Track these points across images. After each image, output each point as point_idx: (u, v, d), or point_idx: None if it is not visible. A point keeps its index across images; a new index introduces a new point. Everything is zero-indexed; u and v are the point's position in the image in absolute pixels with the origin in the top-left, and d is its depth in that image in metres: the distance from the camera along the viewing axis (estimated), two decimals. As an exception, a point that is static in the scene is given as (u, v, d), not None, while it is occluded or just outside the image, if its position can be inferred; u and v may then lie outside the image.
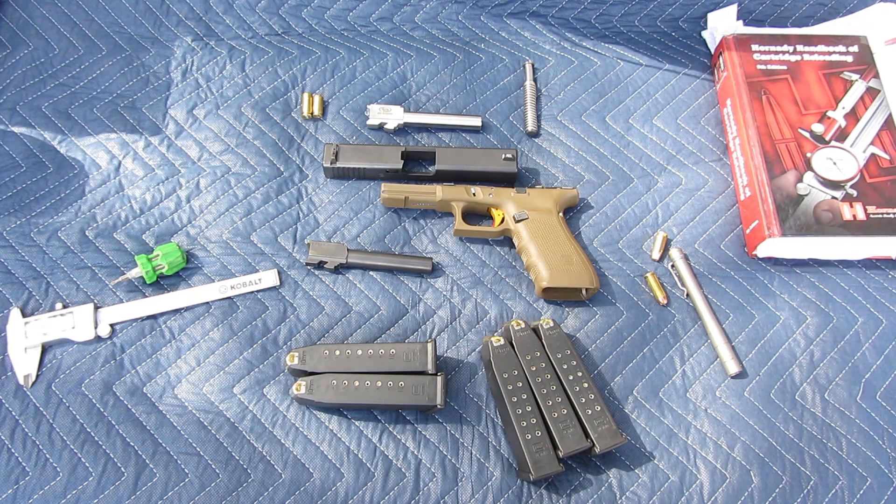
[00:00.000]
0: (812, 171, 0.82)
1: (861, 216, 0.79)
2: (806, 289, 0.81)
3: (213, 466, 0.68)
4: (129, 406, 0.70)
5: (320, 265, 0.78)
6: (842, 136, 0.84)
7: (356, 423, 0.72)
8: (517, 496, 0.70)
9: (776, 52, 0.89)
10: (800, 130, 0.84)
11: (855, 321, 0.80)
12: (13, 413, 0.69)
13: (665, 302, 0.80)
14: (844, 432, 0.74)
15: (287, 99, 0.88)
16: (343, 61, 0.91)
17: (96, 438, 0.69)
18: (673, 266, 0.82)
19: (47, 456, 0.68)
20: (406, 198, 0.81)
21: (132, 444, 0.69)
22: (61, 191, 0.80)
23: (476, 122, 0.88)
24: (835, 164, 0.82)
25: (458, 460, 0.71)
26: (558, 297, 0.79)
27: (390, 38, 0.94)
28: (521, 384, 0.70)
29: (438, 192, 0.81)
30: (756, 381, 0.76)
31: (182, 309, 0.75)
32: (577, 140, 0.89)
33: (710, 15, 0.98)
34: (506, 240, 0.82)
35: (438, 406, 0.69)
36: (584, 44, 0.96)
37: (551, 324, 0.74)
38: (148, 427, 0.70)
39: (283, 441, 0.70)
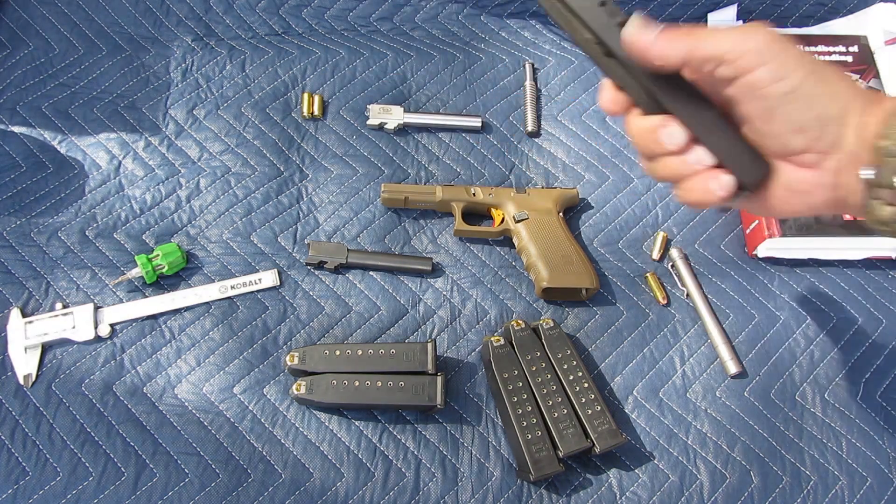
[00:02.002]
0: (812, 171, 0.81)
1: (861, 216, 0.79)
2: (806, 289, 0.81)
3: (213, 466, 0.68)
4: (129, 406, 0.70)
5: (320, 265, 0.78)
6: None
7: (356, 423, 0.72)
8: (517, 496, 0.70)
9: (776, 52, 0.89)
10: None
11: (855, 321, 0.80)
12: (13, 413, 0.69)
13: (665, 302, 0.80)
14: (844, 432, 0.74)
15: (287, 99, 0.88)
16: (343, 61, 0.91)
17: (96, 438, 0.69)
18: (673, 266, 0.82)
19: (47, 456, 0.68)
20: (406, 198, 0.81)
21: (132, 444, 0.69)
22: (61, 191, 0.80)
23: (476, 122, 0.88)
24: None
25: (458, 460, 0.71)
26: (558, 297, 0.79)
27: (390, 38, 0.94)
28: (521, 384, 0.70)
29: (438, 192, 0.81)
30: (756, 381, 0.76)
31: (182, 309, 0.75)
32: (577, 140, 0.89)
33: (710, 15, 0.98)
34: (506, 240, 0.82)
35: (438, 406, 0.69)
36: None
37: (551, 324, 0.74)
38: (148, 427, 0.70)
39: (283, 441, 0.70)
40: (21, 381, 0.70)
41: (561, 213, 0.81)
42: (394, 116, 0.87)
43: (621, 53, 0.44)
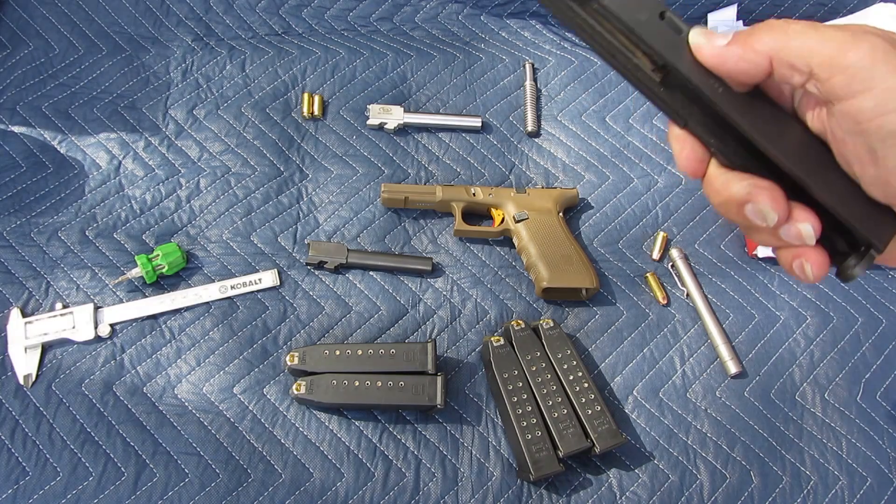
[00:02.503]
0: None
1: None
2: (806, 289, 0.81)
3: (213, 466, 0.68)
4: (129, 406, 0.70)
5: (320, 265, 0.78)
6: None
7: (356, 423, 0.72)
8: (517, 496, 0.70)
9: (776, 52, 0.89)
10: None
11: (855, 321, 0.80)
12: (13, 413, 0.69)
13: (665, 302, 0.80)
14: (844, 432, 0.74)
15: (287, 99, 0.88)
16: (343, 61, 0.91)
17: (96, 438, 0.69)
18: (673, 266, 0.82)
19: (47, 456, 0.68)
20: (406, 198, 0.81)
21: (132, 444, 0.69)
22: (61, 191, 0.80)
23: (476, 122, 0.88)
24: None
25: (458, 460, 0.71)
26: (558, 297, 0.79)
27: (390, 38, 0.94)
28: (521, 384, 0.70)
29: (438, 192, 0.81)
30: (756, 381, 0.76)
31: (182, 309, 0.75)
32: (577, 140, 0.89)
33: (710, 15, 0.98)
34: (506, 240, 0.82)
35: (438, 406, 0.69)
36: (583, 44, 0.95)
37: (551, 324, 0.74)
38: (148, 427, 0.70)
39: (283, 441, 0.70)
40: (21, 381, 0.70)
41: (561, 213, 0.81)
42: (394, 116, 0.87)
43: (695, 78, 0.33)
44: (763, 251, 0.81)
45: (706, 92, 0.33)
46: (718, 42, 0.32)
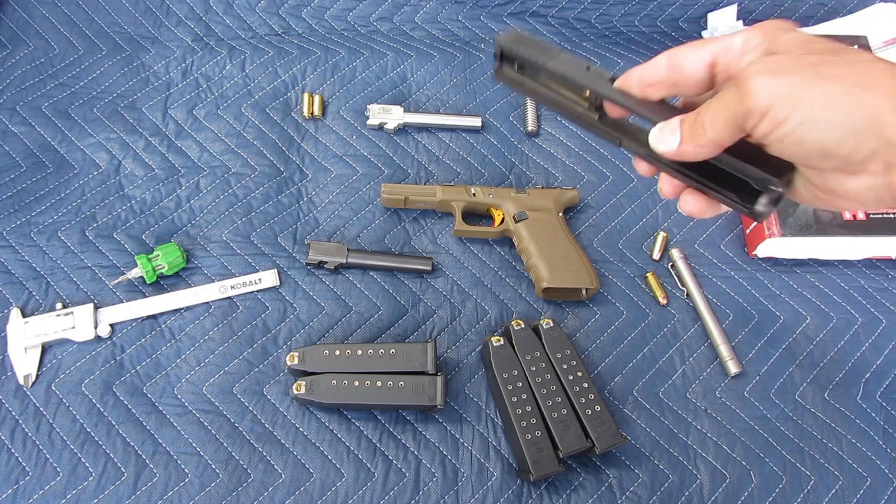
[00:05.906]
0: (812, 171, 0.81)
1: (861, 216, 0.79)
2: (806, 289, 0.81)
3: (213, 466, 0.68)
4: (129, 406, 0.70)
5: (320, 265, 0.78)
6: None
7: (356, 423, 0.72)
8: (517, 496, 0.70)
9: (776, 52, 0.89)
10: (800, 130, 0.84)
11: (855, 321, 0.80)
12: (13, 413, 0.69)
13: (665, 302, 0.80)
14: (844, 432, 0.74)
15: (287, 99, 0.88)
16: (343, 61, 0.91)
17: (96, 438, 0.69)
18: (673, 266, 0.82)
19: (47, 456, 0.68)
20: (406, 198, 0.81)
21: (132, 444, 0.69)
22: (61, 191, 0.80)
23: (476, 122, 0.88)
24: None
25: (458, 460, 0.71)
26: (558, 297, 0.79)
27: (390, 38, 0.94)
28: (521, 384, 0.70)
29: (438, 192, 0.81)
30: (756, 381, 0.76)
31: (182, 309, 0.75)
32: (577, 140, 0.89)
33: (710, 15, 0.98)
34: (506, 240, 0.82)
35: (438, 406, 0.69)
36: (584, 44, 0.96)
37: (551, 324, 0.74)
38: (148, 427, 0.70)
39: (283, 441, 0.70)
40: (21, 381, 0.70)
41: (561, 213, 0.81)
42: (394, 116, 0.87)
43: (621, 102, 0.47)
44: (763, 251, 0.81)
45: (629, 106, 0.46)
46: (671, 143, 0.43)
